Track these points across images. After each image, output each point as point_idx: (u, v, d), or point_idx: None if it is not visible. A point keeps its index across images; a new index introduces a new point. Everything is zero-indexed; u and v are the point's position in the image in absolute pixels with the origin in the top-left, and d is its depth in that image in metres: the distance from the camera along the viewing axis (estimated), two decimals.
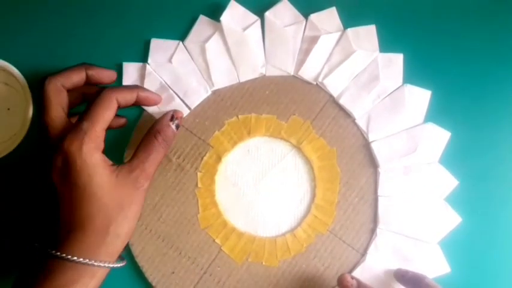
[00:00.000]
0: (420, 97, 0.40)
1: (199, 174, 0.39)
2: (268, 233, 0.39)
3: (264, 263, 0.39)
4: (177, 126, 0.37)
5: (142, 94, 0.37)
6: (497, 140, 0.40)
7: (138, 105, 0.38)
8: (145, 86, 0.39)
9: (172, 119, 0.37)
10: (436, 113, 0.40)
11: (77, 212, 0.33)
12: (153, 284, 0.38)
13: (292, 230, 0.39)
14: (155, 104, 0.39)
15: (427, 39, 0.41)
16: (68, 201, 0.33)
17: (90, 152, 0.33)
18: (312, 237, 0.39)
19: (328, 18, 0.40)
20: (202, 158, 0.39)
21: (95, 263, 0.32)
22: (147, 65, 0.40)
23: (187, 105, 0.40)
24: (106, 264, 0.33)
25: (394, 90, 0.40)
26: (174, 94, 0.40)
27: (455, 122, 0.39)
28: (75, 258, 0.32)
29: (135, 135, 0.40)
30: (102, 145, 0.34)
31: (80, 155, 0.32)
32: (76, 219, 0.33)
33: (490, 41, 0.41)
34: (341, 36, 0.40)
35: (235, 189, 0.40)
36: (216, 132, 0.40)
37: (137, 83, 0.40)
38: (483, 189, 0.39)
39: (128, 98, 0.36)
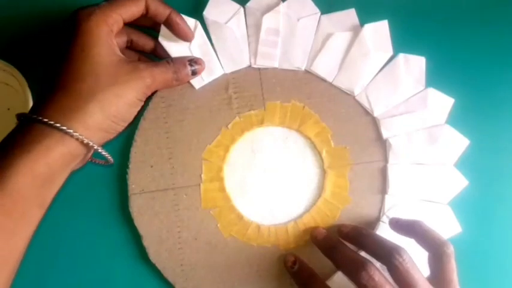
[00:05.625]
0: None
1: (236, 118, 0.40)
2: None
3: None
4: (194, 72, 0.37)
5: (176, 18, 0.36)
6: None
7: (167, 27, 0.37)
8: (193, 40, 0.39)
9: (191, 61, 0.37)
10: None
11: (66, 71, 0.32)
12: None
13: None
14: (185, 37, 0.38)
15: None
16: (62, 60, 0.32)
17: (99, 23, 0.32)
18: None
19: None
20: (249, 110, 0.40)
21: (61, 126, 0.30)
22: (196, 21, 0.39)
23: (222, 68, 0.40)
24: (77, 134, 0.30)
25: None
26: (214, 53, 0.39)
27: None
28: (40, 118, 0.30)
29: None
30: (115, 29, 0.33)
31: (88, 20, 0.32)
32: (62, 78, 0.32)
33: None
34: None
35: (251, 155, 0.40)
36: (278, 102, 0.40)
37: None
38: (494, 191, 0.40)
39: (160, 9, 0.35)
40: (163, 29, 0.38)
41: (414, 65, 0.40)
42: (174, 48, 0.39)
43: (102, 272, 0.39)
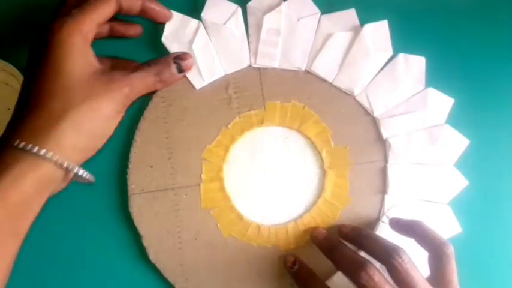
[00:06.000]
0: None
1: (236, 118, 0.40)
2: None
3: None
4: (180, 70, 0.35)
5: (150, 4, 0.34)
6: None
7: (145, 17, 0.35)
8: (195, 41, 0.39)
9: (176, 58, 0.35)
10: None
11: (37, 88, 0.30)
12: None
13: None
14: (164, 20, 0.36)
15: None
16: (32, 76, 0.30)
17: (71, 32, 0.30)
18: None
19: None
20: (249, 110, 0.40)
21: (32, 149, 0.27)
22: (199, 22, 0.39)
23: (223, 69, 0.40)
24: (50, 156, 0.28)
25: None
26: (215, 54, 0.39)
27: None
28: (9, 142, 0.28)
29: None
30: (89, 36, 0.31)
31: (60, 32, 0.30)
32: (33, 97, 0.30)
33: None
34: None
35: (251, 155, 0.40)
36: (278, 102, 0.40)
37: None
38: (494, 191, 0.40)
39: (132, 2, 0.33)
40: (166, 30, 0.38)
41: (414, 65, 0.40)
42: (177, 50, 0.38)
43: (102, 272, 0.39)
